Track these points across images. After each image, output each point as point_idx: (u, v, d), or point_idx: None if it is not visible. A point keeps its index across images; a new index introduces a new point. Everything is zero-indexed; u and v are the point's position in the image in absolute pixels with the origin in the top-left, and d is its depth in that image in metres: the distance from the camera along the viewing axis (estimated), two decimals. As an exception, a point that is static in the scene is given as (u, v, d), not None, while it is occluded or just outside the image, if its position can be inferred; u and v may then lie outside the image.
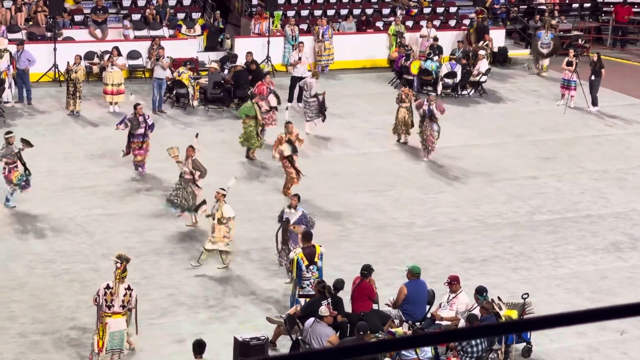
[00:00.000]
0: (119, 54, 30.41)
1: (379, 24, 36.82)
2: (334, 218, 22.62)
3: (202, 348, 14.91)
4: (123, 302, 15.90)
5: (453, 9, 38.46)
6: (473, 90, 33.02)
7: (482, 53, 33.35)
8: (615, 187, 25.56)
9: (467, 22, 37.23)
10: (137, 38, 33.73)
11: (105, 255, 19.57)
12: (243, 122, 25.77)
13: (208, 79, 30.33)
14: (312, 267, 17.81)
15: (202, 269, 19.77)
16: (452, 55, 33.71)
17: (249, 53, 30.97)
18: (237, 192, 22.63)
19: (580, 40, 38.49)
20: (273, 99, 26.59)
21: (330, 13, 36.89)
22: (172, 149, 22.01)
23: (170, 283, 19.27)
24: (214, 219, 19.48)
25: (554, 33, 35.94)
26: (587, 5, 41.50)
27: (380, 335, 16.38)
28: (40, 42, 32.30)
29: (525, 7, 40.95)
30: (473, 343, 15.88)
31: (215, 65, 31.00)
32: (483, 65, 33.01)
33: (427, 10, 38.00)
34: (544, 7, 39.76)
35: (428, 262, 20.38)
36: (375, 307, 17.35)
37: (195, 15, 35.39)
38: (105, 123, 28.12)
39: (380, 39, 35.96)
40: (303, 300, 17.47)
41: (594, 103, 31.65)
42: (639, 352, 17.75)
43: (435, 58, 33.01)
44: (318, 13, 36.58)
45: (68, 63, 29.32)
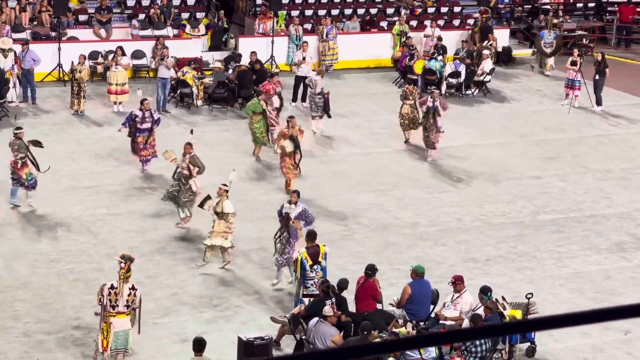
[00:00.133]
0: (123, 54, 30.41)
1: (383, 24, 36.82)
2: (338, 218, 22.62)
3: (201, 345, 14.92)
4: (127, 301, 15.90)
5: (457, 9, 38.44)
6: (477, 90, 33.00)
7: (486, 53, 33.32)
8: (619, 186, 25.54)
9: (471, 21, 37.22)
10: (141, 37, 33.73)
11: (110, 255, 19.58)
12: (250, 119, 25.70)
13: (213, 78, 30.34)
14: (316, 266, 17.81)
15: (206, 269, 19.79)
16: (456, 55, 33.68)
17: (253, 53, 30.97)
18: (240, 191, 22.65)
19: (585, 40, 38.44)
20: (277, 101, 26.51)
21: (335, 13, 36.89)
22: (167, 153, 21.99)
23: (174, 282, 19.28)
24: (215, 214, 19.55)
25: (557, 32, 35.92)
26: (591, 5, 41.48)
27: (384, 335, 16.38)
28: (45, 41, 32.31)
29: (530, 6, 40.92)
30: (477, 343, 15.87)
31: (220, 65, 31.00)
32: (487, 65, 32.99)
33: (431, 10, 37.99)
34: (548, 6, 39.72)
35: (432, 261, 20.39)
36: (379, 306, 17.35)
37: (200, 15, 35.39)
38: (110, 123, 28.13)
39: (385, 39, 35.95)
40: (307, 300, 17.48)
41: (598, 103, 31.63)
42: (643, 352, 17.76)
43: (440, 58, 33.00)
44: (322, 13, 36.58)
45: (72, 63, 29.32)
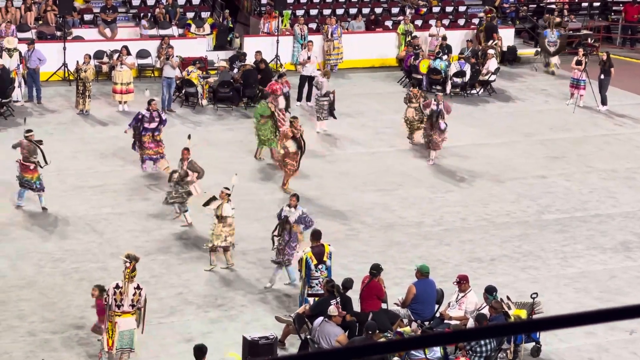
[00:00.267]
0: (128, 53, 30.42)
1: (388, 23, 36.81)
2: (342, 217, 22.61)
3: (202, 353, 14.92)
4: (132, 301, 15.91)
5: (462, 8, 38.42)
6: (482, 90, 32.98)
7: (491, 52, 33.30)
8: (624, 186, 25.51)
9: (476, 21, 37.19)
10: (148, 37, 33.75)
11: (115, 254, 19.60)
12: (257, 122, 25.59)
13: (218, 77, 30.35)
14: (321, 266, 17.81)
15: (211, 268, 19.83)
16: (461, 55, 33.68)
17: (258, 52, 30.97)
18: (245, 191, 22.68)
19: (590, 39, 38.42)
20: (282, 102, 26.42)
21: (340, 12, 36.88)
22: (160, 162, 22.01)
23: (179, 282, 19.29)
24: (216, 217, 19.59)
25: (560, 31, 35.88)
26: (596, 4, 41.44)
27: (389, 335, 16.37)
28: (50, 41, 32.33)
29: (535, 6, 40.89)
30: (482, 342, 15.86)
31: (224, 64, 31.02)
32: (492, 65, 32.97)
33: (436, 9, 37.98)
34: (554, 6, 39.68)
35: (437, 261, 20.38)
36: (384, 306, 17.35)
37: (205, 15, 35.41)
38: (115, 122, 28.15)
39: (390, 38, 35.93)
40: (312, 300, 17.48)
41: (603, 102, 31.59)
42: (648, 351, 17.74)
43: (444, 57, 32.98)
44: (327, 12, 36.58)
45: (77, 62, 29.35)
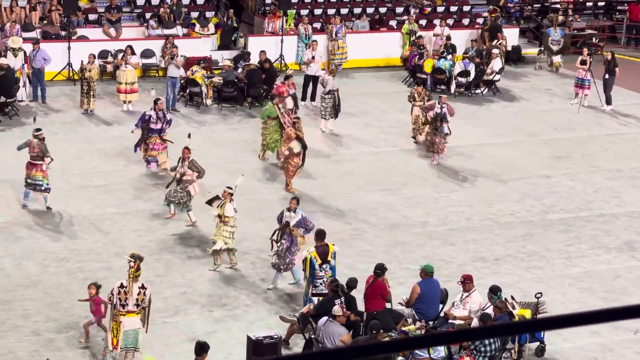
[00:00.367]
0: (133, 53, 30.45)
1: (393, 23, 36.80)
2: (347, 217, 22.61)
3: (203, 349, 14.92)
4: (137, 300, 15.92)
5: (466, 8, 38.41)
6: (486, 89, 32.96)
7: (495, 52, 33.28)
8: (629, 186, 25.49)
9: (480, 20, 37.18)
10: (151, 37, 33.77)
11: (119, 254, 19.63)
12: (264, 124, 25.56)
13: (222, 76, 30.37)
14: (325, 265, 17.82)
15: (215, 268, 19.84)
16: (465, 54, 33.67)
17: (263, 52, 30.97)
18: (250, 190, 22.69)
19: (594, 39, 38.38)
20: (290, 102, 26.35)
21: (344, 12, 36.89)
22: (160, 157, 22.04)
23: (184, 281, 19.30)
24: (217, 217, 19.59)
25: (564, 30, 35.86)
26: (601, 4, 41.41)
27: (394, 335, 16.38)
28: (55, 40, 32.35)
29: (539, 5, 40.86)
30: (486, 342, 15.86)
31: (229, 63, 31.03)
32: (497, 64, 32.95)
33: (440, 9, 37.97)
34: (558, 5, 39.65)
35: (441, 261, 20.38)
36: (389, 306, 17.35)
37: (209, 14, 35.42)
38: (119, 122, 28.18)
39: (394, 38, 35.93)
40: (316, 299, 17.49)
41: (608, 102, 31.57)
42: (653, 351, 17.73)
43: (449, 57, 32.97)
44: (331, 12, 36.58)
45: (82, 62, 29.36)
